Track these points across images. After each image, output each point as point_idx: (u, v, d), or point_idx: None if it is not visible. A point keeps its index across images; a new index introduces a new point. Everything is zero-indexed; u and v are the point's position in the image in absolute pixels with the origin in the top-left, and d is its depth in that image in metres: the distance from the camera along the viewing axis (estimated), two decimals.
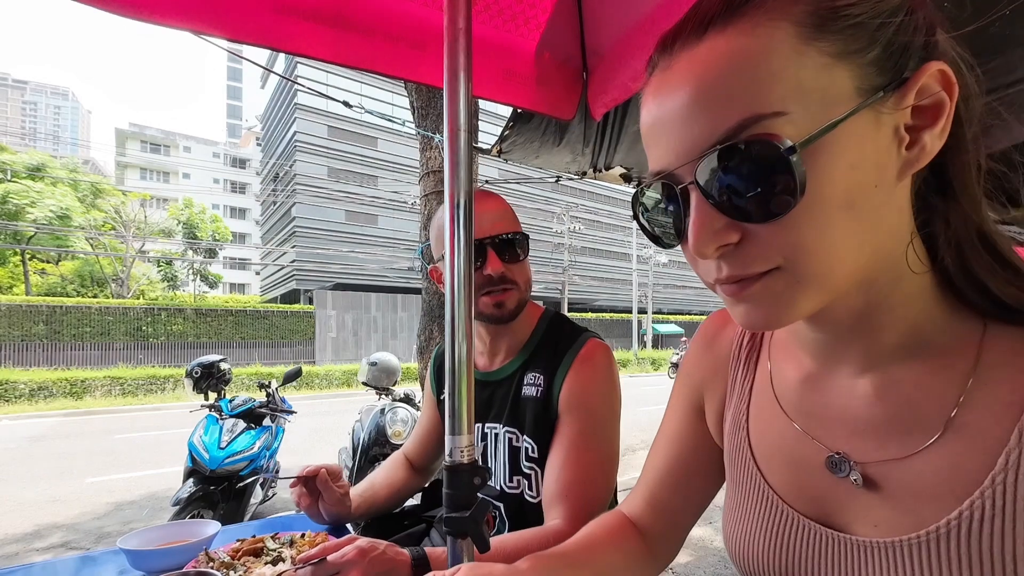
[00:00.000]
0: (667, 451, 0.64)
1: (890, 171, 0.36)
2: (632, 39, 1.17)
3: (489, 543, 0.62)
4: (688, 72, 0.36)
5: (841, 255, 0.35)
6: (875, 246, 0.37)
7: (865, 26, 0.34)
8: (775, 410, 0.51)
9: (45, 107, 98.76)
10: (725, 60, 0.34)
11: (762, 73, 0.33)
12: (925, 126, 0.36)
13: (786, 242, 0.35)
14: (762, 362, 0.55)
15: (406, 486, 1.20)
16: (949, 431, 0.39)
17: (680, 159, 0.37)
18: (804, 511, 0.47)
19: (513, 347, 1.05)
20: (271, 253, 35.25)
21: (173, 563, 0.83)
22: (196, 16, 0.91)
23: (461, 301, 0.62)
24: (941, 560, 0.37)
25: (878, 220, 0.37)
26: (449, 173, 0.63)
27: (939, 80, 0.35)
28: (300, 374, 3.78)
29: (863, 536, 0.42)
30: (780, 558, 0.48)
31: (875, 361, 0.43)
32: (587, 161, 2.06)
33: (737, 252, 0.36)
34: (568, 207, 29.07)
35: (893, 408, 0.42)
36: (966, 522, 0.36)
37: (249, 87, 67.80)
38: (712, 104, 0.35)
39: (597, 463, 0.91)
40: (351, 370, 15.24)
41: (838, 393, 0.45)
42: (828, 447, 0.45)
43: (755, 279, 0.36)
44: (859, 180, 0.34)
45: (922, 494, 0.39)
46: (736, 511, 0.54)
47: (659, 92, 0.38)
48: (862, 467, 0.42)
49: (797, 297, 0.36)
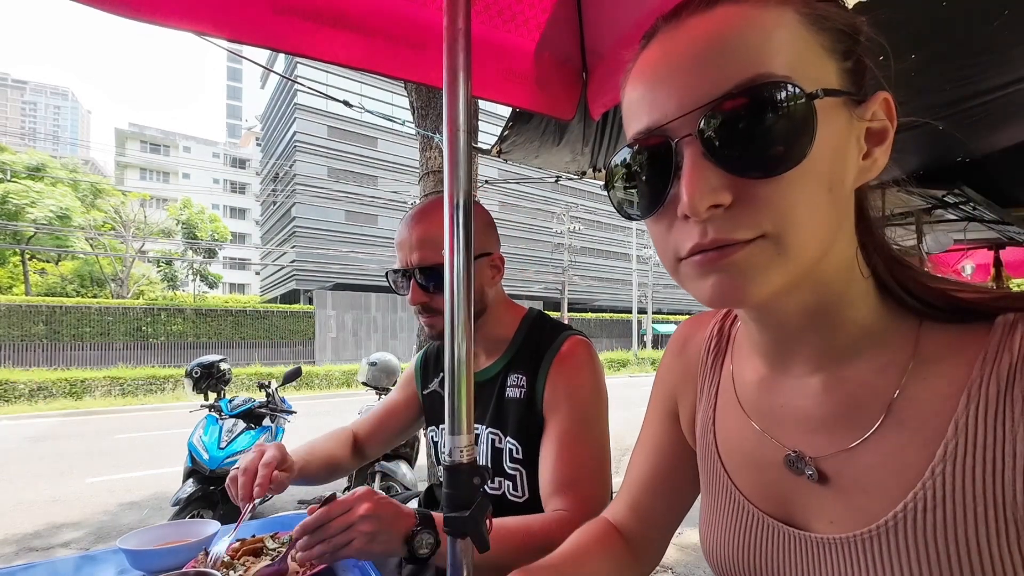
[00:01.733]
0: (647, 458, 0.65)
1: (851, 174, 0.38)
2: (632, 39, 1.17)
3: (488, 543, 0.62)
4: (701, 29, 0.37)
5: (819, 235, 0.37)
6: (836, 241, 0.39)
7: (845, 34, 0.38)
8: (737, 412, 0.52)
9: (45, 107, 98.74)
10: (740, 21, 0.36)
11: (774, 40, 0.35)
12: (876, 143, 0.39)
13: (777, 208, 0.35)
14: (726, 365, 0.56)
15: (342, 465, 1.15)
16: (891, 422, 0.40)
17: (682, 109, 0.37)
18: (768, 511, 0.48)
19: (495, 349, 1.04)
20: (271, 253, 35.24)
21: (173, 563, 0.83)
22: (196, 16, 0.91)
23: (461, 301, 0.62)
24: (891, 553, 0.38)
25: (841, 216, 0.39)
26: (448, 173, 0.63)
27: (885, 109, 0.39)
28: (300, 374, 3.78)
29: (821, 533, 0.43)
30: (749, 558, 0.49)
31: (825, 361, 0.44)
32: (586, 161, 2.06)
33: (726, 215, 0.36)
34: (568, 207, 29.07)
35: (841, 403, 0.43)
36: (911, 514, 0.37)
37: (249, 87, 67.75)
38: (725, 56, 0.35)
39: (590, 457, 0.91)
40: (351, 370, 15.25)
41: (791, 393, 0.47)
42: (785, 445, 0.46)
43: (739, 247, 0.36)
44: (837, 168, 0.37)
45: (871, 489, 0.40)
46: (709, 513, 0.55)
47: (664, 50, 0.39)
48: (816, 462, 0.44)
49: (772, 271, 0.36)
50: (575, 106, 1.37)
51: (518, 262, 33.65)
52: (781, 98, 0.34)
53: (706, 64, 0.36)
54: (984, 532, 0.35)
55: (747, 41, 0.35)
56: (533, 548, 0.75)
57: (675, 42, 0.38)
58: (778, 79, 0.34)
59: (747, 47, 0.35)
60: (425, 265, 0.97)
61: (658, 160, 0.38)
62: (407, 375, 1.25)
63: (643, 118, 0.39)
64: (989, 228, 2.91)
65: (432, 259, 0.97)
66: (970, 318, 0.39)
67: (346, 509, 0.72)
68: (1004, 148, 1.79)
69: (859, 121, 0.38)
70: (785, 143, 0.34)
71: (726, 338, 0.58)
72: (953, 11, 1.14)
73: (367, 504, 0.72)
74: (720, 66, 0.35)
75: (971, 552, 0.35)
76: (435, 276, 0.98)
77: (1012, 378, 0.35)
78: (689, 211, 0.36)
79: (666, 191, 0.39)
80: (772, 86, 0.34)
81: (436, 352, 1.19)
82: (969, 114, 1.51)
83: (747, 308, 0.46)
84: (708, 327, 0.60)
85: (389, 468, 3.36)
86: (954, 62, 1.31)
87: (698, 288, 0.39)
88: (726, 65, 0.35)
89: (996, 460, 0.35)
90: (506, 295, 1.08)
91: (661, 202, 0.39)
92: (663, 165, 0.38)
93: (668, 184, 0.38)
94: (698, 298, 0.40)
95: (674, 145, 0.37)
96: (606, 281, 37.64)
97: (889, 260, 0.42)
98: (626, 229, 36.67)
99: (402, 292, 1.02)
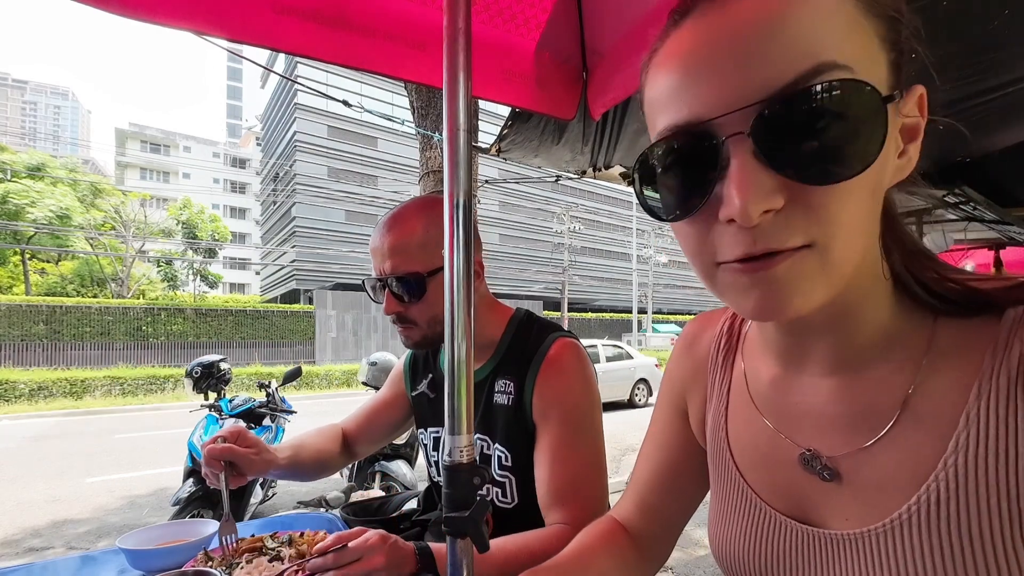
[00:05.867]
0: (655, 456, 0.65)
1: (889, 174, 0.36)
2: (632, 39, 1.17)
3: (488, 543, 0.62)
4: (748, 7, 0.32)
5: (861, 242, 0.35)
6: (871, 245, 0.38)
7: (895, 20, 0.34)
8: (750, 410, 0.51)
9: (45, 107, 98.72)
10: (800, 2, 0.31)
11: (837, 24, 0.31)
12: (910, 140, 0.37)
13: (829, 215, 0.32)
14: (737, 363, 0.55)
15: (331, 461, 1.15)
16: (907, 419, 0.40)
17: (730, 104, 0.32)
18: (782, 509, 0.48)
19: (482, 353, 1.00)
20: (271, 253, 35.25)
21: (172, 562, 0.83)
22: (196, 16, 0.91)
23: (460, 301, 0.62)
24: (905, 547, 0.38)
25: (877, 218, 0.37)
26: (449, 173, 0.62)
27: (918, 104, 0.36)
28: (300, 374, 3.78)
29: (836, 530, 0.43)
30: (761, 557, 0.49)
31: (841, 361, 0.43)
32: (586, 160, 2.06)
33: (775, 220, 0.33)
34: (568, 207, 29.07)
35: (856, 402, 0.43)
36: (924, 507, 0.37)
37: (249, 87, 67.73)
38: (780, 42, 0.31)
39: (585, 464, 0.90)
40: (351, 370, 15.23)
41: (806, 392, 0.46)
42: (799, 444, 0.46)
43: (785, 256, 0.33)
44: (881, 168, 0.34)
45: (886, 484, 0.40)
46: (719, 512, 0.54)
47: (704, 31, 0.34)
48: (831, 461, 0.43)
49: (817, 283, 0.34)
50: (576, 106, 1.37)
51: (518, 262, 33.64)
52: (850, 96, 0.30)
53: (757, 51, 0.31)
54: (998, 523, 0.35)
55: (805, 25, 0.31)
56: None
57: (717, 23, 0.33)
58: (844, 73, 0.30)
59: (806, 32, 0.31)
60: (399, 274, 0.93)
61: (698, 158, 0.34)
62: (396, 373, 1.22)
63: (681, 109, 0.35)
64: (989, 228, 2.91)
65: (405, 267, 0.93)
66: (983, 311, 0.39)
67: (357, 557, 0.72)
68: (1004, 148, 1.79)
69: (898, 117, 0.35)
70: (852, 147, 0.31)
71: (736, 336, 0.57)
72: (953, 11, 1.14)
73: (380, 558, 0.72)
74: (775, 55, 0.31)
75: (985, 543, 0.35)
76: (409, 285, 0.93)
77: (1022, 368, 0.35)
78: (740, 217, 0.32)
79: (706, 192, 0.35)
80: (839, 82, 0.30)
81: (424, 354, 1.16)
82: (969, 114, 1.51)
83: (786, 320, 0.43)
84: (717, 325, 0.60)
85: (389, 468, 3.36)
86: (954, 62, 1.30)
87: (740, 300, 0.36)
88: (782, 53, 0.31)
89: (1008, 450, 0.35)
90: (492, 296, 1.05)
91: (700, 204, 0.35)
92: (704, 164, 0.34)
93: (709, 184, 0.34)
94: (737, 309, 0.38)
95: (721, 143, 0.33)
96: (606, 281, 37.63)
97: (909, 255, 0.41)
98: (626, 229, 36.68)
99: (378, 301, 0.98)
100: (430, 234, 0.93)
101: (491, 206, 33.26)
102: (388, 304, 0.96)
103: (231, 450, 0.90)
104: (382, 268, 0.95)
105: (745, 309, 0.37)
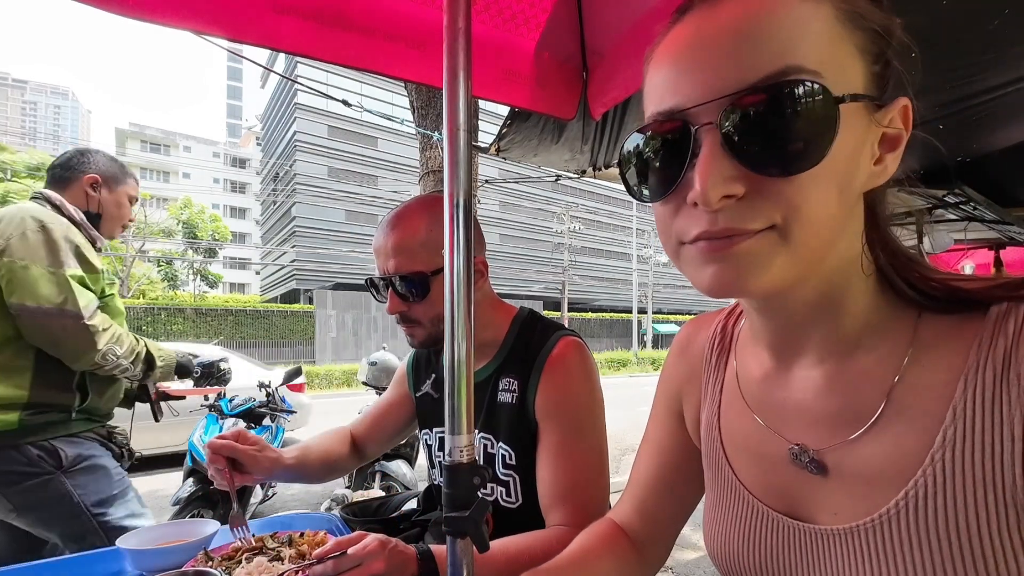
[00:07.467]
0: (652, 458, 0.66)
1: (861, 178, 0.38)
2: (632, 39, 1.17)
3: (488, 543, 0.62)
4: (734, 12, 0.36)
5: (824, 232, 0.37)
6: (841, 240, 0.39)
7: (879, 35, 0.37)
8: (742, 407, 0.52)
9: (45, 107, 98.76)
10: (780, 8, 0.35)
11: (810, 32, 0.35)
12: (888, 150, 0.39)
13: (789, 202, 0.35)
14: (730, 363, 0.56)
15: (340, 463, 1.15)
16: (891, 411, 0.40)
17: (704, 96, 0.36)
18: (773, 505, 0.48)
19: (486, 352, 1.00)
20: (271, 253, 35.26)
21: (172, 562, 0.83)
22: (196, 16, 0.91)
23: (461, 301, 0.62)
24: (894, 541, 0.38)
25: (847, 216, 0.39)
26: (449, 173, 0.62)
27: (903, 115, 0.38)
28: (300, 374, 3.77)
29: (825, 525, 0.43)
30: (755, 555, 0.49)
31: (827, 352, 0.44)
32: (586, 159, 2.06)
33: (737, 205, 0.36)
34: (568, 207, 29.07)
35: (842, 394, 0.43)
36: (912, 501, 0.38)
37: (249, 87, 67.71)
38: (755, 44, 0.34)
39: (587, 464, 0.90)
40: (351, 370, 15.24)
41: (794, 387, 0.47)
42: (788, 439, 0.46)
43: (745, 236, 0.36)
44: (850, 171, 0.37)
45: (873, 479, 0.40)
46: (714, 510, 0.55)
47: (694, 30, 0.38)
48: (818, 454, 0.44)
49: (774, 262, 0.36)
50: (576, 106, 1.37)
51: (518, 262, 33.64)
52: (805, 97, 0.33)
53: (734, 52, 0.35)
54: (985, 517, 0.35)
55: (780, 30, 0.34)
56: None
57: (707, 24, 0.37)
58: (806, 75, 0.33)
59: (779, 36, 0.34)
60: (402, 273, 0.93)
61: (674, 144, 0.38)
62: (400, 374, 1.23)
63: (666, 99, 0.38)
64: (989, 228, 2.91)
65: (409, 267, 0.93)
66: (967, 308, 0.40)
67: (357, 563, 0.72)
68: (1004, 148, 1.79)
69: (876, 126, 0.38)
70: (804, 144, 0.34)
71: (729, 336, 0.58)
72: (953, 11, 1.14)
73: (380, 564, 0.72)
74: (749, 55, 0.34)
75: (972, 537, 0.35)
76: (413, 284, 0.93)
77: (1007, 362, 0.36)
78: (700, 200, 0.35)
79: (678, 176, 0.38)
80: (798, 83, 0.33)
81: (427, 354, 1.16)
82: (969, 114, 1.51)
83: (747, 297, 0.46)
84: (712, 326, 0.60)
85: (389, 468, 3.36)
86: (954, 62, 1.31)
87: (698, 275, 0.39)
88: (755, 54, 0.34)
89: (995, 444, 0.35)
90: (495, 296, 1.05)
91: (672, 187, 0.39)
92: (679, 150, 0.37)
93: (681, 169, 0.38)
94: (696, 285, 0.40)
95: (693, 132, 0.36)
96: (606, 281, 37.64)
97: (894, 255, 0.43)
98: (626, 229, 36.66)
99: (381, 300, 0.98)
100: (433, 234, 0.93)
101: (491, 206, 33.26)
102: (392, 303, 0.96)
103: (233, 446, 0.92)
104: (385, 267, 0.95)
105: (703, 284, 0.39)
